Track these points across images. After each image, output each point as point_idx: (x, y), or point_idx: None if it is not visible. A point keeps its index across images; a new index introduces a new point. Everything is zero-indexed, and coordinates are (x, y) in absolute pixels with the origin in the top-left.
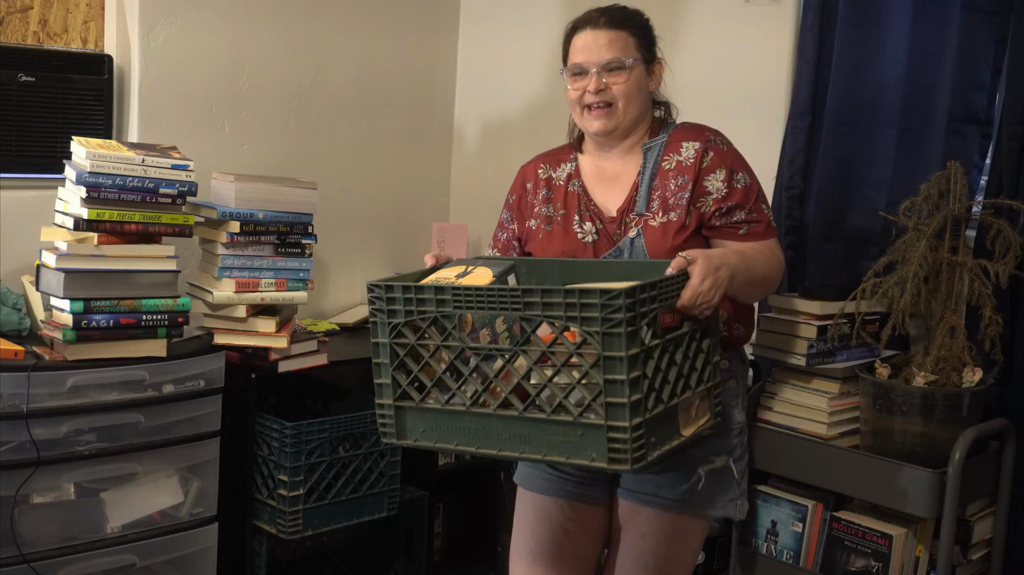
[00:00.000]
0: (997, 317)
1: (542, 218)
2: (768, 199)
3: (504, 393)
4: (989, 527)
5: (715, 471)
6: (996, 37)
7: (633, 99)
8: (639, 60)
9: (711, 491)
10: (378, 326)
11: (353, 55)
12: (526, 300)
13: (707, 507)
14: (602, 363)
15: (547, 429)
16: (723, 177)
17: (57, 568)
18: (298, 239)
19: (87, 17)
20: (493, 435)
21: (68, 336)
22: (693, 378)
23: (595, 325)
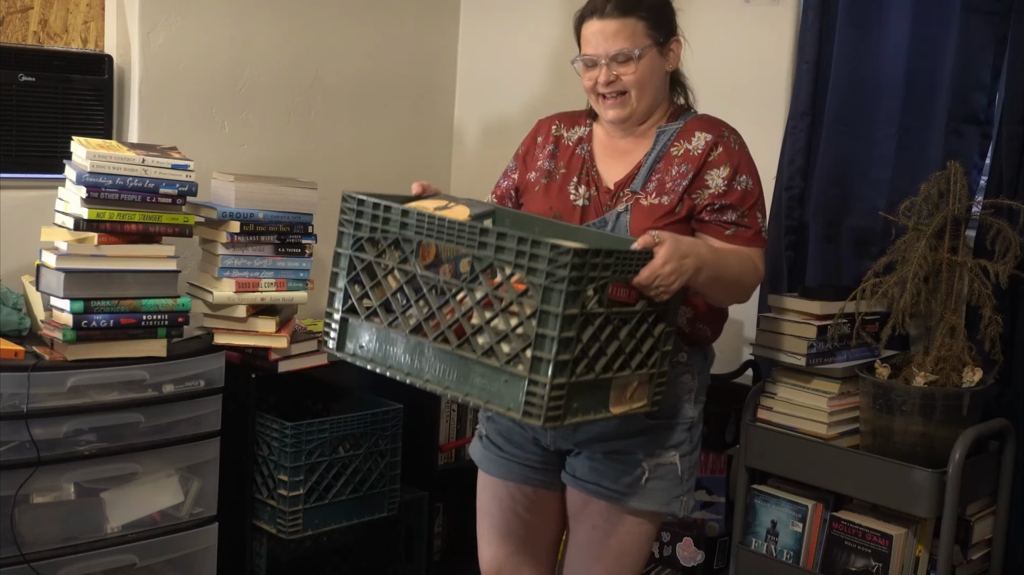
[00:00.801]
0: (997, 317)
1: (542, 172)
2: (767, 209)
3: (443, 326)
4: (989, 527)
5: (660, 466)
6: (996, 37)
7: (646, 86)
8: (650, 45)
9: (655, 486)
10: (343, 236)
11: (353, 55)
12: (482, 239)
13: (651, 502)
14: (538, 316)
15: (474, 370)
16: (726, 175)
17: (57, 568)
18: (298, 239)
19: (87, 17)
20: (426, 366)
21: (68, 336)
22: (635, 360)
23: (539, 277)
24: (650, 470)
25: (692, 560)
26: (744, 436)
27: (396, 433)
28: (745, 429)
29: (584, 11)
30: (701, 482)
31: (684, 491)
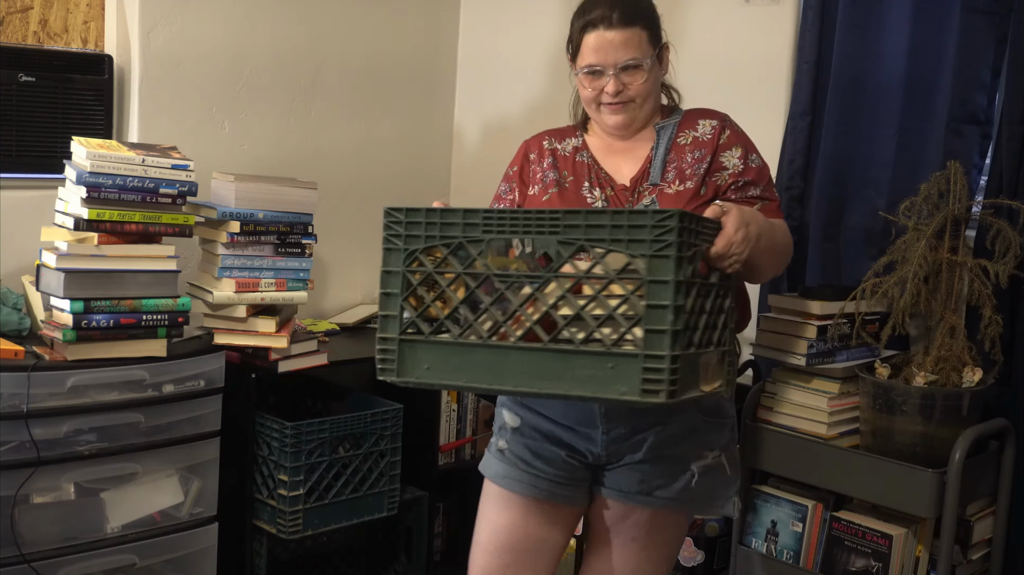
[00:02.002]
0: (997, 317)
1: (549, 182)
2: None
3: (528, 322)
4: (989, 527)
5: (708, 467)
6: (996, 37)
7: (650, 95)
8: (651, 54)
9: (707, 488)
10: (391, 253)
11: (353, 54)
12: (566, 223)
13: (704, 505)
14: (647, 288)
15: (573, 362)
16: (739, 154)
17: (57, 568)
18: (298, 239)
19: (87, 17)
20: (510, 370)
21: (68, 336)
22: (715, 335)
23: (644, 248)
24: (699, 473)
25: (692, 560)
26: (744, 436)
27: (396, 433)
28: (745, 429)
29: (587, 22)
30: None
31: (733, 492)
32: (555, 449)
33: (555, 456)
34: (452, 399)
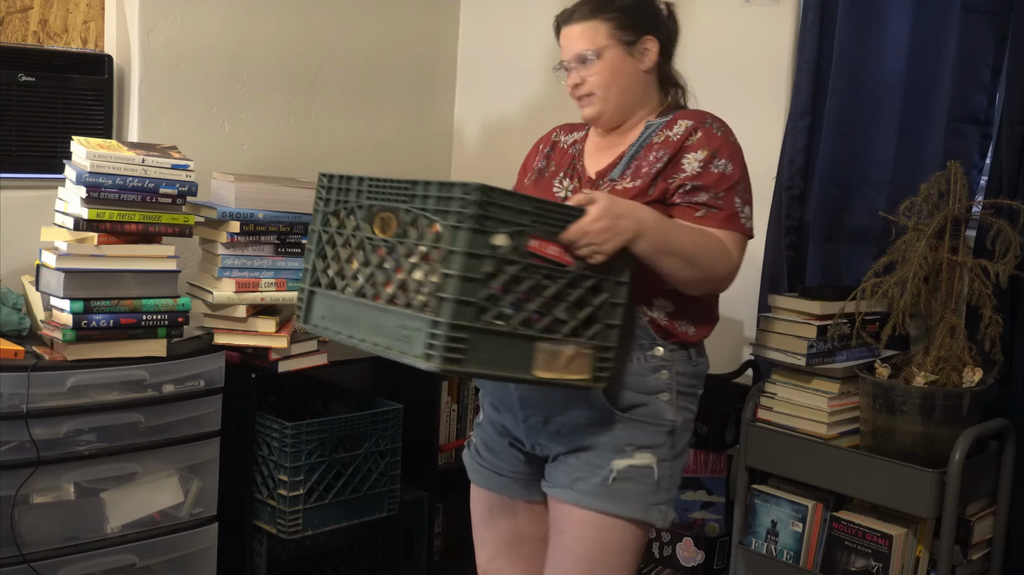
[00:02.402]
0: (997, 317)
1: (534, 171)
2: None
3: (379, 285)
4: (989, 527)
5: (632, 467)
6: (996, 37)
7: (612, 86)
8: (611, 45)
9: (628, 489)
10: (315, 213)
11: (353, 54)
12: (409, 192)
13: (619, 506)
14: (445, 257)
15: (389, 319)
16: (703, 158)
17: (57, 568)
18: (298, 239)
19: (87, 17)
20: (362, 324)
21: (68, 336)
22: (568, 326)
23: (450, 218)
24: (619, 471)
25: (692, 560)
26: (744, 436)
27: (396, 433)
28: (745, 429)
29: (556, 18)
30: (701, 482)
31: (662, 500)
32: (501, 439)
33: (502, 448)
34: (452, 399)
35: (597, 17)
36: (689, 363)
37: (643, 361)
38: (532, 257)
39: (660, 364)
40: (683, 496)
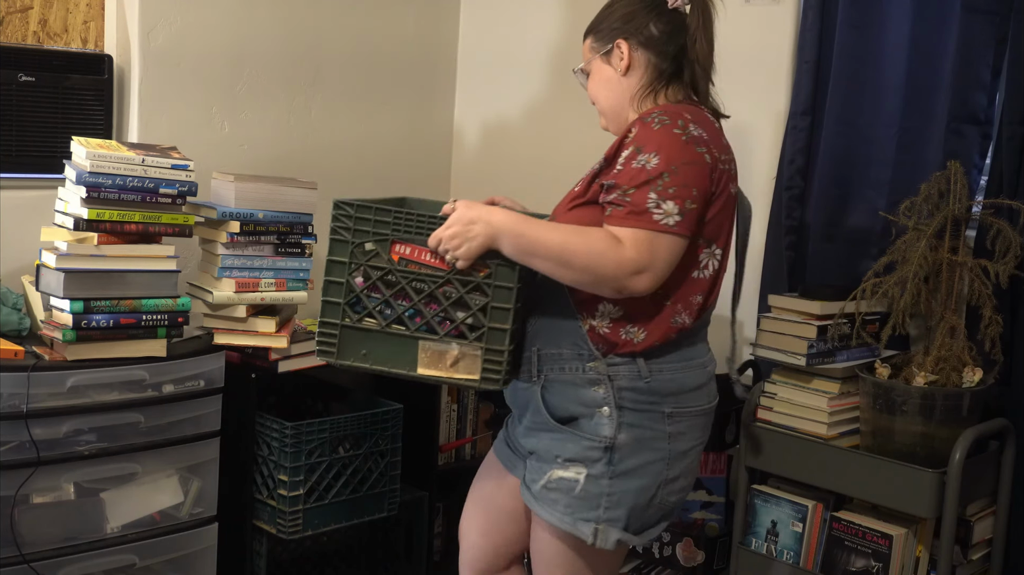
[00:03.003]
0: (997, 317)
1: None
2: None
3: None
4: (989, 527)
5: (562, 479)
6: (996, 37)
7: (600, 97)
8: (593, 59)
9: (556, 499)
10: (337, 244)
11: (353, 54)
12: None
13: (547, 512)
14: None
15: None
16: (628, 155)
17: (57, 568)
18: (298, 239)
19: (87, 17)
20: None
21: (68, 336)
22: (445, 327)
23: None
24: (550, 480)
25: (692, 560)
26: (744, 436)
27: (396, 433)
28: (745, 429)
29: None
30: (701, 482)
31: (597, 518)
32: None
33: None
34: (452, 399)
35: (588, 35)
36: (638, 378)
37: (580, 372)
38: (410, 263)
39: (596, 378)
40: None
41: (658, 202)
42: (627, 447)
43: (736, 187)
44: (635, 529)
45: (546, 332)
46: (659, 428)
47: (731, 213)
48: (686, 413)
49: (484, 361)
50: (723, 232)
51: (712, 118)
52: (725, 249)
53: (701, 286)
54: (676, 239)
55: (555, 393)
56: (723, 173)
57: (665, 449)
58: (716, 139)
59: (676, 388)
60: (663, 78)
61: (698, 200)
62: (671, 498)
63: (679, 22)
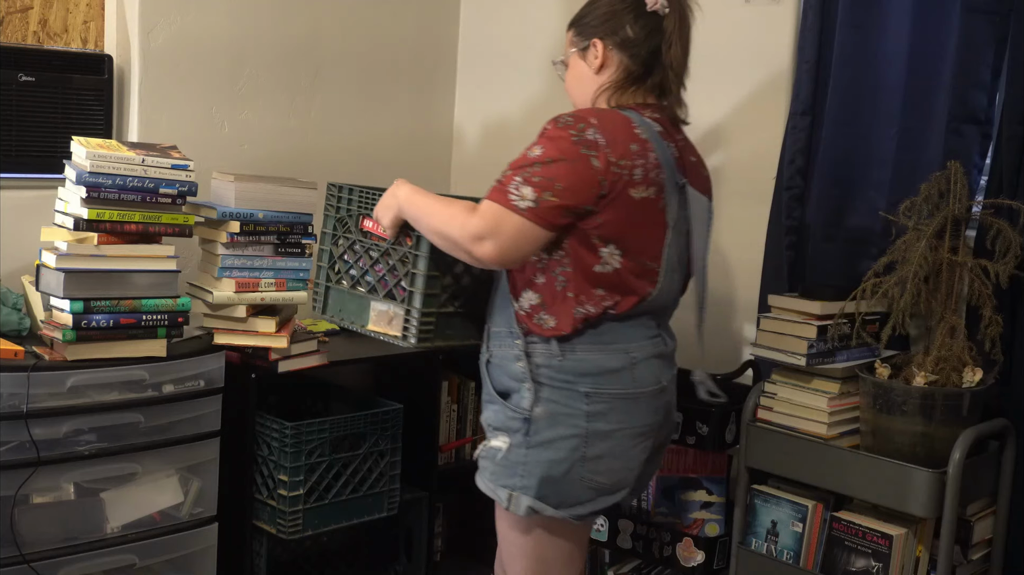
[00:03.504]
0: (997, 317)
1: None
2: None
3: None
4: (989, 527)
5: (490, 447)
6: (996, 37)
7: (572, 90)
8: (572, 53)
9: (484, 467)
10: (326, 218)
11: (353, 54)
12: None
13: (480, 481)
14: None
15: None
16: (529, 145)
17: (57, 568)
18: (298, 239)
19: (87, 17)
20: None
21: (68, 336)
22: (383, 291)
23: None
24: (483, 447)
25: (692, 560)
26: (744, 436)
27: (396, 433)
28: (745, 429)
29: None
30: (701, 482)
31: (512, 485)
32: None
33: None
34: (452, 399)
35: (570, 28)
36: (553, 356)
37: (511, 349)
38: (368, 235)
39: (519, 354)
40: (683, 496)
41: (519, 185)
42: (543, 420)
43: (652, 191)
44: (554, 502)
45: (494, 312)
46: (575, 406)
47: (639, 217)
48: (605, 395)
49: (404, 319)
50: (626, 235)
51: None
52: (633, 250)
53: (604, 281)
54: (523, 222)
55: (495, 367)
56: (618, 177)
57: (582, 427)
58: (621, 145)
59: (592, 369)
60: (631, 80)
61: (562, 196)
62: (598, 478)
63: (656, 25)
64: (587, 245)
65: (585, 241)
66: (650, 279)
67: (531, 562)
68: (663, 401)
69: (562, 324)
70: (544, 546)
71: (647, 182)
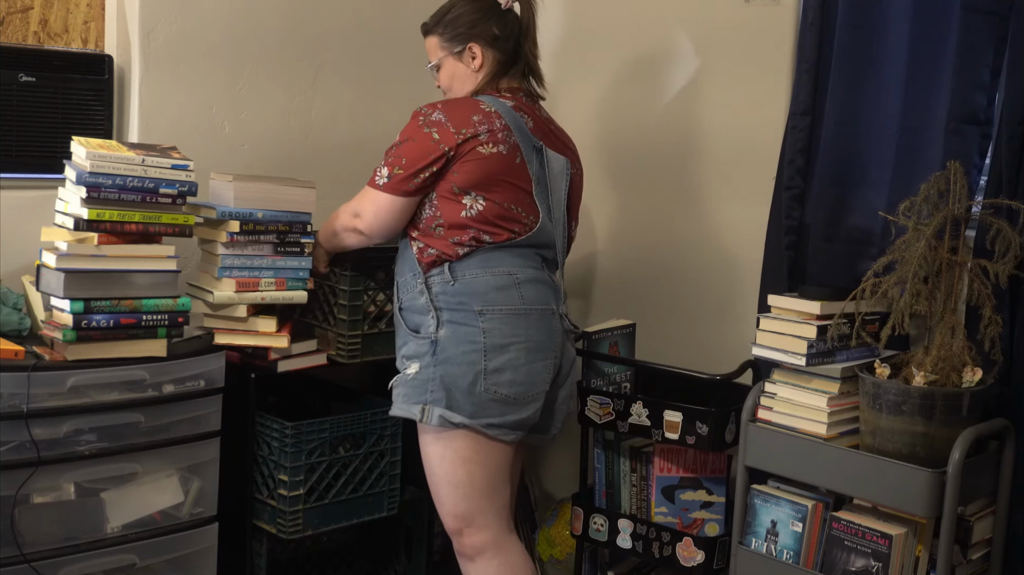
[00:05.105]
0: (997, 317)
1: None
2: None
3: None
4: (989, 527)
5: (404, 375)
6: (996, 37)
7: (452, 87)
8: (445, 56)
9: (399, 393)
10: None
11: (353, 55)
12: None
13: (394, 406)
14: None
15: None
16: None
17: (57, 568)
18: (297, 238)
19: (87, 17)
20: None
21: (68, 336)
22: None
23: None
24: (396, 379)
25: (692, 560)
26: (744, 436)
27: (396, 433)
28: (745, 429)
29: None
30: (701, 482)
31: (423, 400)
32: None
33: None
34: None
35: (433, 33)
36: (447, 283)
37: (414, 288)
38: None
39: (422, 288)
40: (683, 496)
41: (380, 167)
42: (447, 339)
43: (502, 148)
44: (468, 412)
45: (399, 264)
46: (473, 323)
47: (491, 169)
48: (496, 311)
49: (336, 341)
50: (482, 183)
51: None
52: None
53: (473, 221)
54: (381, 195)
55: (406, 311)
56: (463, 139)
57: (480, 341)
58: (463, 118)
59: (481, 288)
60: (503, 70)
61: (406, 168)
62: (501, 389)
63: (513, 20)
64: (451, 197)
65: (448, 194)
66: (519, 221)
67: (453, 486)
68: (556, 326)
69: (442, 252)
70: (466, 464)
71: (495, 141)
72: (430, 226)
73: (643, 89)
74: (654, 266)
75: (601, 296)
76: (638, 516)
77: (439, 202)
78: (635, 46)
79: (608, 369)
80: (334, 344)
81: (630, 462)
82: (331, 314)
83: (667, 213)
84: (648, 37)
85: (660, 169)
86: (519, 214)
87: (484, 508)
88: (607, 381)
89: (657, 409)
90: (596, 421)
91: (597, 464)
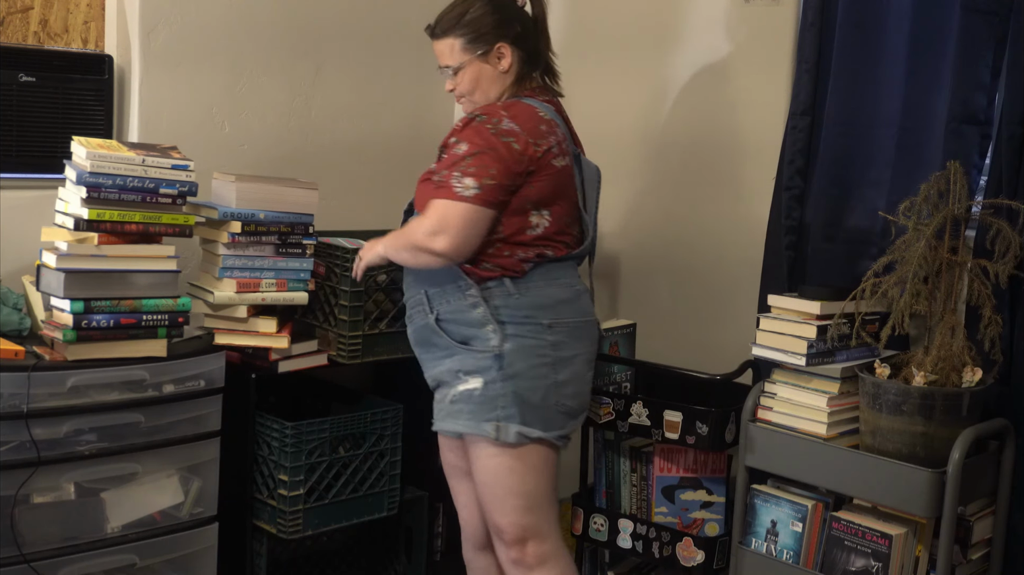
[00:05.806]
0: (997, 317)
1: None
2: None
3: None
4: (989, 527)
5: (466, 390)
6: (996, 37)
7: (474, 92)
8: (468, 59)
9: (462, 409)
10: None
11: (354, 55)
12: None
13: (457, 423)
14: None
15: None
16: (451, 144)
17: (57, 568)
18: (299, 239)
19: (87, 17)
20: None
21: (68, 336)
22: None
23: None
24: (454, 394)
25: (692, 560)
26: (744, 436)
27: (396, 433)
28: (745, 429)
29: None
30: (701, 482)
31: (495, 417)
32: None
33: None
34: None
35: (450, 35)
36: (510, 295)
37: (463, 300)
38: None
39: (476, 301)
40: (683, 496)
41: (459, 179)
42: (514, 354)
43: (567, 159)
44: (541, 427)
45: (428, 275)
46: (541, 337)
47: (559, 183)
48: (563, 324)
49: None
50: (550, 197)
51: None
52: (558, 208)
53: (539, 238)
54: (471, 207)
55: (448, 322)
56: (538, 153)
57: (550, 355)
58: (532, 128)
59: (548, 301)
60: (528, 69)
61: (497, 177)
62: (568, 401)
63: (529, 18)
64: (520, 211)
65: (519, 210)
66: (571, 233)
67: (523, 498)
68: (598, 331)
69: (504, 268)
70: (534, 477)
71: (563, 152)
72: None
73: (643, 89)
74: (654, 266)
75: (601, 296)
76: (638, 516)
77: (506, 224)
78: (634, 46)
79: (608, 369)
80: (335, 344)
81: (630, 462)
82: (332, 314)
83: (667, 213)
84: (647, 37)
85: (660, 169)
86: (571, 226)
87: (549, 518)
88: (607, 381)
89: (657, 409)
90: (596, 421)
91: (597, 464)
